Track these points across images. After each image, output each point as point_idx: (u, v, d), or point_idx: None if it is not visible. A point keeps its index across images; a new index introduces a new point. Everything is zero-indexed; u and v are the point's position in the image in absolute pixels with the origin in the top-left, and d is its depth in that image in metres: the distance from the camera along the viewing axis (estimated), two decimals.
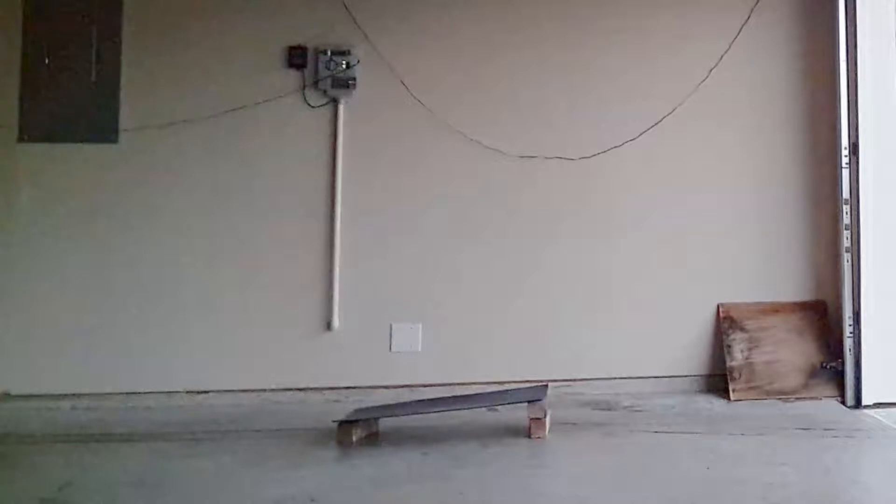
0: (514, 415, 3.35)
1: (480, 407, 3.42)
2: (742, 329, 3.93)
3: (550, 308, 3.89)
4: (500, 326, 3.87)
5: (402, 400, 3.68)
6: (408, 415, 3.30)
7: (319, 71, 3.82)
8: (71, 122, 3.74)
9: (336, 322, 3.80)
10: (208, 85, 3.81)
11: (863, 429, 3.33)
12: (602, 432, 3.25)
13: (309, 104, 3.85)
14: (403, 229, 3.88)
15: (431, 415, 3.40)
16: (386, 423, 3.31)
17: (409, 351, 3.83)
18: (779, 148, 4.03)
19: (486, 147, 3.87)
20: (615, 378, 3.87)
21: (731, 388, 3.80)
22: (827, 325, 3.95)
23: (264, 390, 3.76)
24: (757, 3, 4.01)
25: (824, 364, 3.85)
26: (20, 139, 3.72)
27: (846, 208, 3.77)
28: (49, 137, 3.73)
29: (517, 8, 3.98)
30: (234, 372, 3.75)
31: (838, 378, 3.80)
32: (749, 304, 3.96)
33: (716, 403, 3.72)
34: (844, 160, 3.78)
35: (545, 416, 3.18)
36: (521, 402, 3.22)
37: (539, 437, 3.13)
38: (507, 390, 3.57)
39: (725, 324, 3.93)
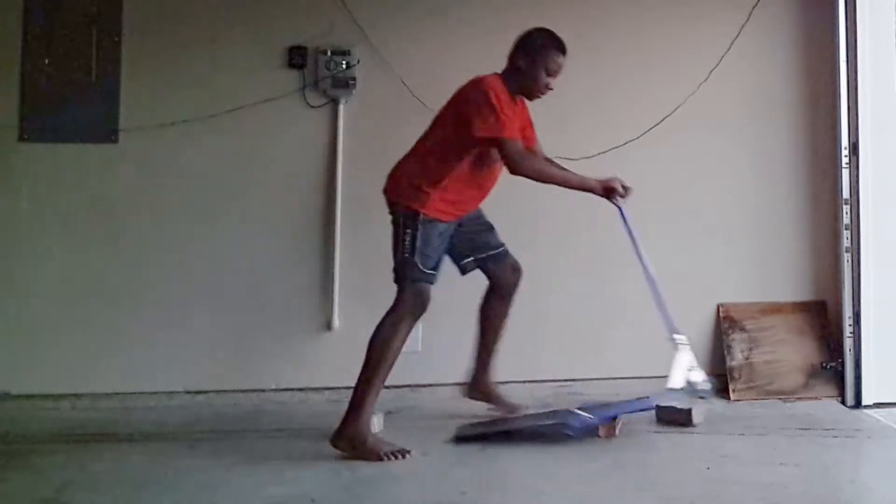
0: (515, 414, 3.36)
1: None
2: (742, 329, 3.93)
3: (550, 308, 3.89)
4: None
5: (403, 400, 3.68)
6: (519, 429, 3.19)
7: (319, 71, 3.82)
8: (71, 122, 3.74)
9: (336, 322, 3.80)
10: (208, 85, 3.81)
11: (863, 429, 3.33)
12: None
13: (309, 104, 3.85)
14: None
15: (431, 416, 3.46)
16: (387, 423, 3.31)
17: (409, 351, 3.81)
18: (778, 147, 4.03)
19: None
20: (615, 378, 3.87)
21: (731, 388, 3.80)
22: (827, 325, 3.95)
23: (264, 390, 3.76)
24: (757, 4, 4.01)
25: (824, 364, 3.86)
26: (20, 139, 3.71)
27: (846, 208, 3.77)
28: (49, 137, 3.72)
29: (518, 9, 3.97)
30: (234, 372, 3.75)
31: (838, 378, 3.80)
32: (749, 304, 3.97)
33: (716, 403, 3.72)
34: (844, 160, 3.78)
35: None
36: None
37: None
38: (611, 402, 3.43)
39: (725, 324, 3.94)
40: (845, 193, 3.77)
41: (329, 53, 3.82)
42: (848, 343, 3.75)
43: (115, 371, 3.69)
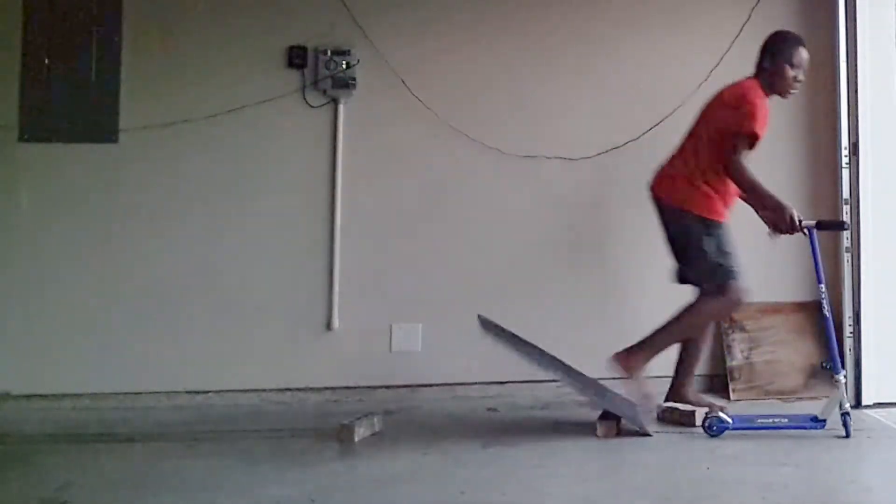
0: (516, 414, 3.35)
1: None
2: (742, 329, 3.93)
3: (551, 308, 3.89)
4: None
5: (403, 400, 3.69)
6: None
7: (319, 71, 3.82)
8: (71, 122, 3.74)
9: (336, 322, 3.80)
10: (208, 85, 3.81)
11: (863, 429, 3.32)
12: None
13: (309, 104, 3.85)
14: (403, 229, 3.88)
15: (431, 416, 3.44)
16: (387, 423, 3.31)
17: (409, 351, 3.83)
18: (779, 148, 4.03)
19: (487, 147, 3.87)
20: (615, 378, 3.86)
21: (731, 388, 3.80)
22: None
23: (264, 390, 3.76)
24: (757, 3, 4.01)
25: (824, 364, 3.84)
26: (20, 139, 3.71)
27: (846, 208, 3.77)
28: (49, 137, 3.72)
29: (519, 8, 3.98)
30: (234, 372, 3.75)
31: None
32: (749, 304, 3.95)
33: (716, 403, 3.71)
34: (844, 160, 3.78)
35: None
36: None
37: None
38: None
39: (725, 324, 3.93)
40: (845, 193, 3.77)
41: (329, 53, 3.82)
42: (848, 343, 3.74)
43: (115, 371, 3.68)
